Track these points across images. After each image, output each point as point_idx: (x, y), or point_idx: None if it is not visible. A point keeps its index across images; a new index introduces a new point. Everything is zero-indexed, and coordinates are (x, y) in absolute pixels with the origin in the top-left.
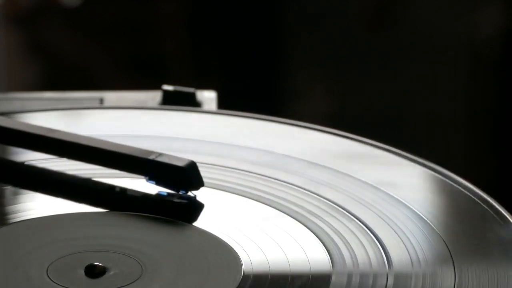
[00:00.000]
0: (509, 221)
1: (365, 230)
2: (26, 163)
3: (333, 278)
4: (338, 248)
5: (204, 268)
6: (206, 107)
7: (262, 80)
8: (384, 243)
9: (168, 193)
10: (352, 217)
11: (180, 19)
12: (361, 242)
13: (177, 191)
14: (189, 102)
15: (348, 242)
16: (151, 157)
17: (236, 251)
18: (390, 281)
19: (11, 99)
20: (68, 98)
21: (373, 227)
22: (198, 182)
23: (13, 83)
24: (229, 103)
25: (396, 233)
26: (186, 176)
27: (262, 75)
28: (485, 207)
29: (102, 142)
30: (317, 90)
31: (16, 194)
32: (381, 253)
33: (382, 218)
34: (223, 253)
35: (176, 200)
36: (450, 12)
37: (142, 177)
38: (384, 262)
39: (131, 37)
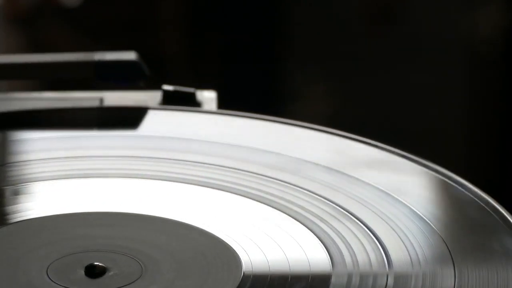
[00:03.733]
0: (509, 221)
1: (365, 231)
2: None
3: (333, 279)
4: (338, 248)
5: (204, 268)
6: (206, 107)
7: (262, 80)
8: (384, 243)
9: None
10: (352, 217)
11: (180, 19)
12: (361, 242)
13: (128, 83)
14: (189, 102)
15: (348, 243)
16: (97, 57)
17: (236, 251)
18: (390, 281)
19: (11, 99)
20: (68, 98)
21: (373, 227)
22: (146, 72)
23: (13, 83)
24: (229, 103)
25: (396, 233)
26: (139, 68)
27: (262, 75)
28: (485, 207)
29: (41, 56)
30: (317, 90)
31: (16, 194)
32: (381, 253)
33: (382, 219)
34: (223, 253)
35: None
36: (450, 12)
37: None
38: (384, 262)
39: (131, 37)
